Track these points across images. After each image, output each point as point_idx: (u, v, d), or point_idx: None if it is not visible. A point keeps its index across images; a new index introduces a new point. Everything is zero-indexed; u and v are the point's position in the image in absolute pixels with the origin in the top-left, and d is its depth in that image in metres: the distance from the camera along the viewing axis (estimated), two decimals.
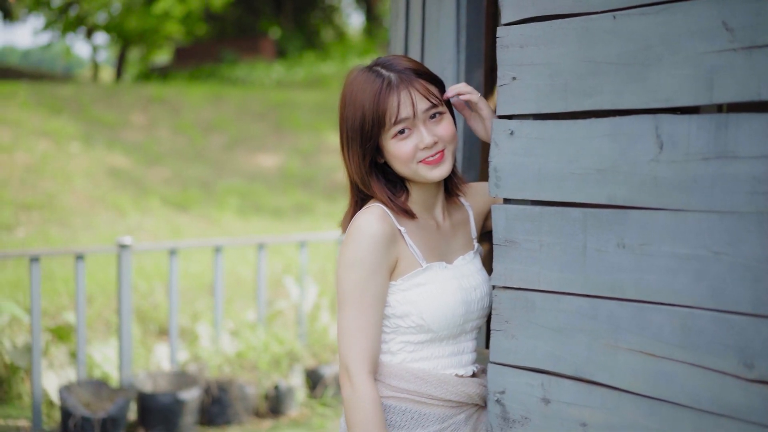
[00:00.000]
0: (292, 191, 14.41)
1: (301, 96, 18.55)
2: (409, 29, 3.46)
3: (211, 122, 16.79)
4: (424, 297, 2.49)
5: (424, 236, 2.57)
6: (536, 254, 2.45)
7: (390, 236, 2.45)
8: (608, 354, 2.30)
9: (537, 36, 2.43)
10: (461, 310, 2.53)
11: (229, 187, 14.16)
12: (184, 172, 14.58)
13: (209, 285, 8.77)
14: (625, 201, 2.25)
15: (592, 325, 2.33)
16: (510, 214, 2.52)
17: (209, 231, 11.96)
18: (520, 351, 2.50)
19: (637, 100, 2.21)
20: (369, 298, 2.43)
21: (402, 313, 2.50)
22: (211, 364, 6.39)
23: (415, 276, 2.50)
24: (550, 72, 2.40)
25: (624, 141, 2.24)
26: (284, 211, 13.56)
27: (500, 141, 2.53)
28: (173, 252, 6.33)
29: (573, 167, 2.36)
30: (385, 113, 2.45)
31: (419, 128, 2.48)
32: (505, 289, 2.54)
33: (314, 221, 12.95)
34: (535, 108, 2.44)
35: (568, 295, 2.38)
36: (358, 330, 2.43)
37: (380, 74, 2.48)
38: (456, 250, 2.66)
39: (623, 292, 2.26)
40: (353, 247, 2.43)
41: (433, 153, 2.49)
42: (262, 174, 15.03)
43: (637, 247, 2.22)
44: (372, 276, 2.43)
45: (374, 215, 2.46)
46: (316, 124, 16.94)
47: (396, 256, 2.48)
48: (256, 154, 15.73)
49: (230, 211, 13.20)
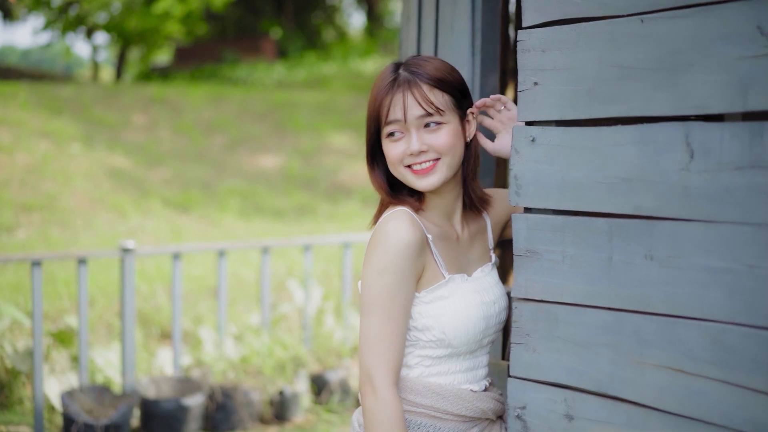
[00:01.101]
0: (293, 192, 14.34)
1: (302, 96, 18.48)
2: (422, 31, 3.38)
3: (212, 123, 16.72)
4: (446, 311, 2.42)
5: (445, 246, 2.50)
6: (559, 265, 2.37)
7: (420, 243, 2.39)
8: (635, 370, 2.22)
9: (560, 40, 2.35)
10: (481, 326, 2.49)
11: (230, 188, 14.08)
12: (184, 172, 14.50)
13: (211, 287, 8.69)
14: (653, 211, 2.17)
15: (618, 339, 2.25)
16: (531, 223, 2.44)
17: (210, 232, 11.88)
18: (542, 365, 2.42)
19: (667, 107, 2.13)
20: (398, 306, 2.36)
21: (423, 327, 2.43)
22: (215, 369, 6.31)
23: (438, 288, 2.44)
24: (574, 77, 2.32)
25: (652, 149, 2.16)
26: (285, 212, 13.48)
27: (521, 148, 2.45)
28: (177, 256, 6.25)
29: (598, 176, 2.28)
30: (381, 109, 2.43)
31: (411, 134, 2.42)
32: (526, 301, 2.46)
33: (316, 223, 12.88)
34: (558, 114, 2.36)
35: (593, 308, 2.31)
36: (385, 338, 2.36)
37: (396, 71, 2.46)
38: (474, 262, 2.60)
39: (651, 306, 2.18)
40: (382, 251, 2.36)
41: (420, 161, 2.43)
42: (263, 175, 14.95)
43: (666, 260, 2.14)
44: (401, 283, 2.36)
45: (404, 221, 2.38)
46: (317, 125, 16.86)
47: (423, 264, 2.42)
48: (257, 155, 15.66)
49: (231, 212, 13.12)
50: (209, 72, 21.84)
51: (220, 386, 6.15)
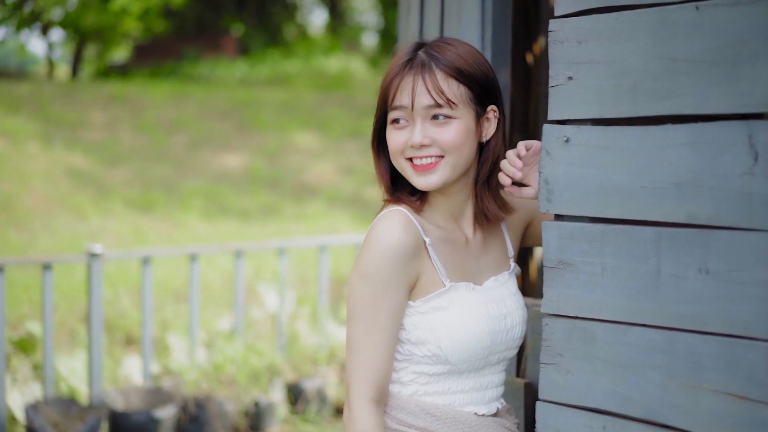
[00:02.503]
0: (258, 192, 14.05)
1: (265, 95, 18.16)
2: (425, 24, 3.15)
3: (174, 121, 16.37)
4: (444, 323, 2.17)
5: (449, 250, 2.25)
6: (597, 279, 2.15)
7: (413, 248, 2.15)
8: (687, 395, 2.00)
9: (599, 30, 2.13)
10: (485, 342, 2.22)
11: (193, 188, 13.77)
12: (146, 172, 14.17)
13: (176, 291, 8.41)
14: (709, 220, 1.96)
15: (668, 361, 2.03)
16: (564, 232, 2.21)
17: (174, 234, 11.58)
18: (577, 388, 2.20)
19: (726, 104, 1.92)
20: (382, 316, 2.13)
21: (418, 340, 2.18)
22: (187, 378, 6.04)
23: (436, 297, 2.19)
24: (616, 71, 2.10)
25: (709, 151, 1.95)
26: (251, 212, 13.19)
27: (553, 149, 2.23)
28: (146, 261, 5.98)
29: (644, 180, 2.06)
30: (387, 93, 2.22)
31: (416, 124, 2.19)
32: (557, 317, 2.24)
33: (282, 223, 12.62)
34: (597, 112, 2.14)
35: (638, 327, 2.09)
36: (366, 349, 2.14)
37: (414, 51, 2.23)
38: (487, 270, 2.33)
39: (706, 325, 1.97)
40: (370, 256, 2.14)
41: (422, 156, 2.19)
42: (227, 174, 14.65)
43: (724, 273, 1.93)
44: (388, 291, 2.13)
45: (397, 222, 2.15)
46: (281, 124, 16.56)
47: (417, 271, 2.18)
48: (220, 154, 15.35)
49: (195, 212, 12.82)
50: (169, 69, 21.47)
51: (193, 397, 5.90)
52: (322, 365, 6.60)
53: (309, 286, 8.27)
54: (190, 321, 6.26)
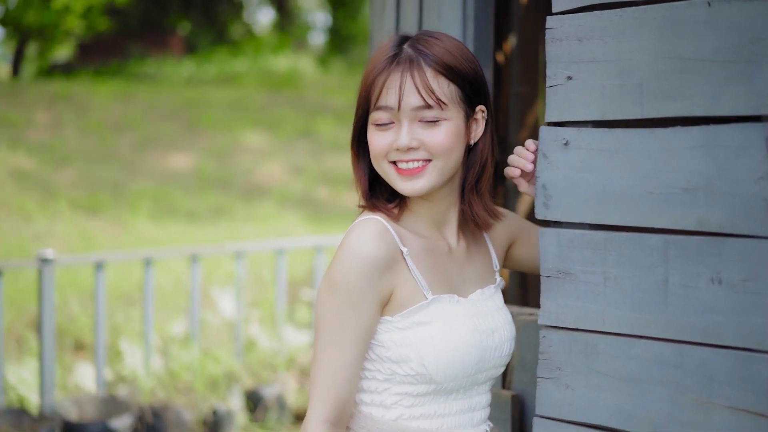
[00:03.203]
0: (207, 193, 13.85)
1: (213, 94, 17.93)
2: (401, 20, 3.03)
3: (120, 121, 16.09)
4: (427, 339, 2.00)
5: (431, 261, 2.08)
6: (599, 289, 2.05)
7: (386, 261, 1.99)
8: (698, 411, 1.91)
9: (602, 27, 2.03)
10: (473, 358, 2.05)
11: (140, 190, 13.53)
12: (92, 173, 13.90)
13: (126, 295, 8.21)
14: (721, 227, 1.86)
15: (677, 375, 1.94)
16: (564, 239, 2.11)
17: (122, 236, 11.35)
18: (578, 404, 2.10)
19: (741, 105, 1.82)
20: (349, 332, 1.98)
21: (399, 358, 2.01)
22: (143, 386, 5.86)
23: (417, 311, 2.02)
24: (620, 70, 2.00)
25: (722, 154, 1.85)
26: (200, 214, 12.99)
27: (551, 153, 2.12)
28: (100, 266, 5.79)
29: (650, 185, 1.96)
30: (372, 90, 2.04)
31: (402, 125, 2.02)
32: (556, 329, 2.14)
33: (233, 225, 12.43)
34: (599, 113, 2.04)
35: (644, 339, 1.99)
36: (328, 366, 1.98)
37: (399, 45, 2.06)
38: (472, 281, 2.17)
39: (719, 338, 1.87)
40: (339, 267, 1.98)
41: (407, 160, 2.03)
42: (176, 175, 14.42)
43: (739, 284, 1.84)
44: (356, 307, 1.97)
45: (370, 232, 2.00)
46: (230, 123, 16.35)
47: (392, 285, 2.01)
48: (168, 155, 15.11)
49: (143, 214, 12.60)
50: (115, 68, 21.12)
51: (150, 405, 5.73)
52: (281, 371, 6.46)
53: (264, 290, 8.12)
54: (145, 327, 6.08)
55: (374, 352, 2.02)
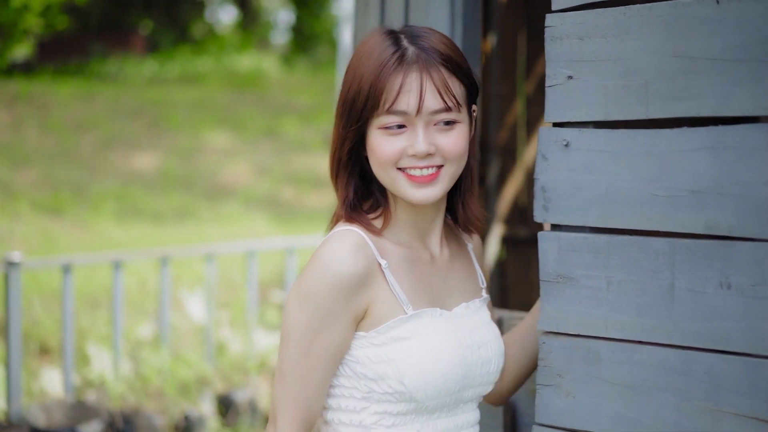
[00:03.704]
0: (171, 194, 13.72)
1: (176, 93, 17.77)
2: (386, 19, 2.97)
3: (82, 121, 15.90)
4: (406, 354, 1.88)
5: (413, 272, 1.97)
6: (602, 294, 2.00)
7: (362, 276, 1.87)
8: (705, 419, 1.86)
9: (605, 25, 1.98)
10: (457, 375, 1.93)
11: (104, 190, 13.38)
12: (54, 174, 13.73)
13: (93, 298, 8.07)
14: (730, 230, 1.82)
15: (684, 382, 1.89)
16: (565, 243, 2.05)
17: (86, 238, 11.21)
18: (579, 412, 2.04)
19: (751, 106, 1.78)
20: (319, 347, 1.87)
21: (376, 375, 1.89)
22: (113, 391, 5.75)
23: (396, 326, 1.90)
24: (624, 70, 1.95)
25: (731, 156, 1.81)
26: (165, 214, 12.86)
27: (550, 154, 2.07)
28: (67, 269, 5.68)
29: (656, 188, 1.91)
30: (382, 93, 1.86)
31: (417, 129, 1.88)
32: (556, 335, 2.08)
33: (198, 225, 12.32)
34: (602, 114, 1.99)
35: (649, 345, 1.94)
36: (297, 379, 1.88)
37: (398, 42, 1.90)
38: (457, 294, 2.05)
39: (728, 344, 1.83)
40: (311, 278, 1.86)
41: (423, 166, 1.89)
42: (140, 176, 14.27)
43: (748, 288, 1.79)
44: (326, 322, 1.86)
45: (346, 245, 1.88)
46: (194, 123, 16.21)
47: (368, 301, 1.89)
48: (131, 155, 14.95)
49: (107, 215, 12.46)
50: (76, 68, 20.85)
51: (120, 411, 5.62)
52: (252, 375, 6.37)
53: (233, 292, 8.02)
54: (114, 331, 5.98)
55: (350, 368, 1.91)
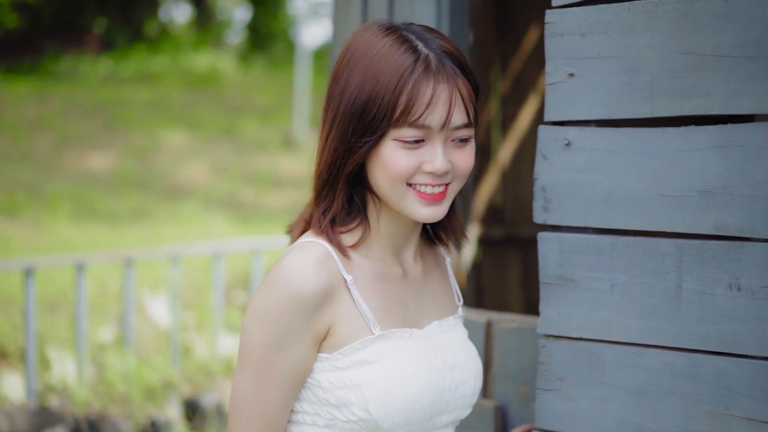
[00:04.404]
0: (128, 194, 13.53)
1: (132, 92, 17.53)
2: (369, 13, 2.90)
3: (36, 120, 15.64)
4: (371, 380, 1.72)
5: (384, 289, 1.81)
6: (605, 296, 1.96)
7: (325, 293, 1.72)
8: (715, 423, 1.83)
9: (607, 22, 1.93)
10: (426, 401, 1.77)
11: (59, 191, 13.17)
12: (7, 174, 13.49)
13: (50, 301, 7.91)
14: (740, 231, 1.78)
15: (692, 386, 1.85)
16: (566, 244, 2.01)
17: (42, 239, 11.00)
18: (582, 416, 2.00)
19: (762, 104, 1.75)
20: (277, 370, 1.72)
21: (339, 401, 1.74)
22: (77, 397, 5.64)
23: (361, 348, 1.74)
24: (628, 67, 1.91)
25: (741, 155, 1.77)
26: (122, 215, 12.68)
27: (551, 153, 2.02)
28: (29, 272, 5.55)
29: (662, 188, 1.87)
30: (408, 104, 1.69)
31: (435, 145, 1.73)
32: (557, 338, 2.04)
33: (155, 227, 12.15)
34: (605, 112, 1.94)
35: (655, 348, 1.90)
36: (255, 405, 1.73)
37: (414, 46, 1.72)
38: (430, 311, 1.89)
39: (738, 347, 1.80)
40: (269, 298, 1.71)
41: (435, 184, 1.74)
42: (95, 176, 14.06)
43: (759, 290, 1.76)
44: (287, 343, 1.71)
45: (309, 259, 1.72)
46: (150, 123, 16.01)
47: (331, 319, 1.74)
48: (87, 155, 14.73)
49: (62, 216, 12.25)
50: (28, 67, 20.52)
51: (85, 416, 5.50)
52: (219, 378, 6.28)
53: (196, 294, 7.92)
54: (77, 335, 5.86)
55: (312, 393, 1.76)
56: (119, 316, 7.37)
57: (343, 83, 1.75)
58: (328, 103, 1.78)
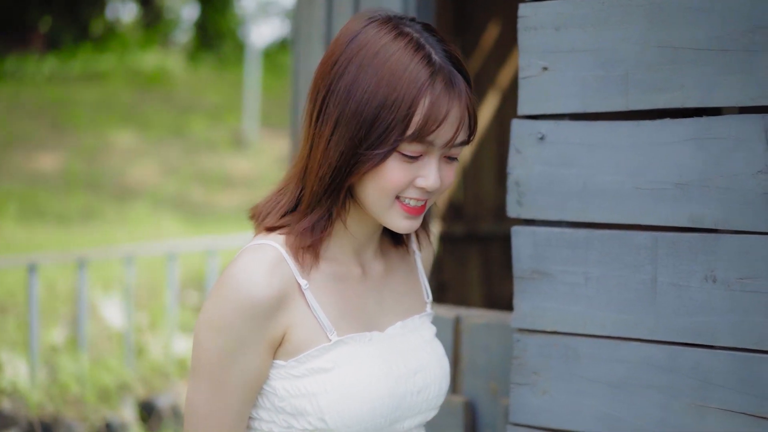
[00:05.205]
0: (76, 195, 13.35)
1: (79, 92, 17.29)
2: (334, 7, 2.88)
3: None
4: (327, 388, 1.66)
5: (340, 291, 1.74)
6: (581, 290, 1.96)
7: (278, 299, 1.65)
8: (692, 415, 1.84)
9: (582, 15, 1.94)
10: (387, 408, 1.71)
11: (5, 191, 12.96)
12: None
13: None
14: (716, 223, 1.79)
15: (669, 379, 1.86)
16: (540, 238, 2.01)
17: None
18: (558, 411, 2.00)
19: (739, 96, 1.76)
20: (232, 378, 1.66)
21: (295, 410, 1.68)
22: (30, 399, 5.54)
23: (317, 356, 1.68)
24: (603, 60, 1.91)
25: (717, 147, 1.78)
26: (70, 216, 12.51)
27: (524, 147, 2.02)
28: None
29: (638, 181, 1.88)
30: (423, 121, 1.61)
31: (432, 161, 1.67)
32: (532, 332, 2.03)
33: (104, 227, 12.01)
34: (579, 106, 1.94)
35: (632, 342, 1.91)
36: (211, 416, 1.67)
37: (428, 54, 1.63)
38: (392, 312, 1.82)
39: (715, 339, 1.81)
40: (220, 304, 1.65)
41: (421, 198, 1.70)
42: (43, 176, 13.87)
43: (735, 282, 1.77)
44: (239, 350, 1.64)
45: (262, 262, 1.65)
46: (98, 123, 15.81)
47: (284, 325, 1.67)
48: (33, 155, 14.52)
49: (9, 218, 12.05)
50: None
51: (38, 419, 5.41)
52: (174, 379, 6.22)
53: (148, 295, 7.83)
54: (30, 336, 5.77)
55: (268, 400, 1.71)
56: (71, 318, 7.27)
57: (350, 79, 1.64)
58: (327, 95, 1.67)
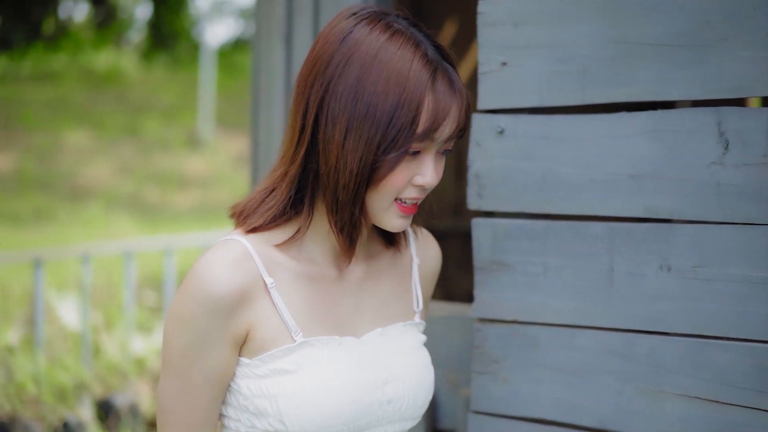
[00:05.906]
0: (29, 195, 13.23)
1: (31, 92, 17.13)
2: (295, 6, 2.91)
3: None
4: (287, 391, 1.63)
5: (310, 292, 1.70)
6: (539, 280, 2.00)
7: (240, 295, 1.63)
8: (648, 401, 1.89)
9: (539, 11, 1.98)
10: (349, 415, 1.66)
11: None
12: None
13: None
14: (670, 214, 1.84)
15: (625, 365, 1.91)
16: (500, 230, 2.05)
17: None
18: (517, 398, 2.04)
19: (692, 90, 1.81)
20: (198, 373, 1.65)
21: (257, 410, 1.66)
22: None
23: (281, 356, 1.65)
24: (560, 55, 1.95)
25: (671, 140, 1.83)
26: (23, 217, 12.39)
27: (484, 141, 2.06)
28: None
29: (594, 173, 1.92)
30: (431, 119, 1.60)
31: (429, 158, 1.65)
32: (492, 322, 2.08)
33: (58, 228, 11.91)
34: (537, 100, 1.99)
35: (589, 330, 1.96)
36: (178, 411, 1.67)
37: (425, 53, 1.63)
38: (371, 317, 1.77)
39: (669, 326, 1.86)
40: (185, 298, 1.64)
41: (418, 197, 1.67)
42: None
43: (689, 270, 1.82)
44: (204, 345, 1.64)
45: (226, 258, 1.63)
46: (51, 123, 15.67)
47: (248, 323, 1.65)
48: None
49: None
50: None
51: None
52: (131, 378, 6.20)
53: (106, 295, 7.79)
54: None
55: (234, 398, 1.69)
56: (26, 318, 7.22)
57: (353, 80, 1.60)
58: (325, 96, 1.62)
